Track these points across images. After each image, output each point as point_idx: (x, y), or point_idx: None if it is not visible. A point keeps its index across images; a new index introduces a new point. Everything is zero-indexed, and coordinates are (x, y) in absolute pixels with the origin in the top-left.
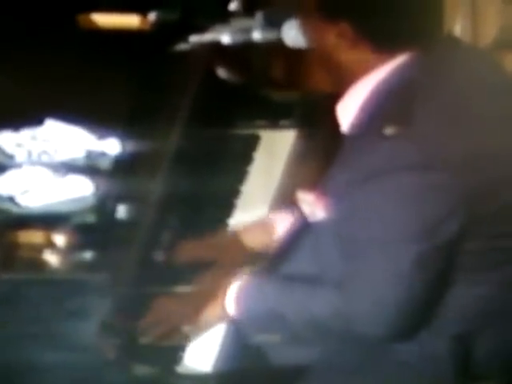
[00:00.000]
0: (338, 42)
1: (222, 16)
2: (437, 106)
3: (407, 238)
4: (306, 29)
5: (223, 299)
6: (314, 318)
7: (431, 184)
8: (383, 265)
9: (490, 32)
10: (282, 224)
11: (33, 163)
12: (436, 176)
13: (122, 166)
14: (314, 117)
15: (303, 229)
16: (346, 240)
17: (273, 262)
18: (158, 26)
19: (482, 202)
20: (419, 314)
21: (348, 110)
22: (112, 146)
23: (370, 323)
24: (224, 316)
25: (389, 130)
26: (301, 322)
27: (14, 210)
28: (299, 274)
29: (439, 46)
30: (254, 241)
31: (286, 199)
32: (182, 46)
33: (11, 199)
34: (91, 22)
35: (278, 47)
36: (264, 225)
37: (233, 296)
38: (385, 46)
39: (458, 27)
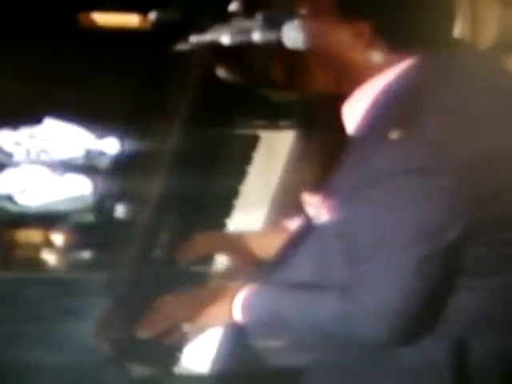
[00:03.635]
0: (354, 41)
1: (222, 16)
2: (443, 110)
3: (411, 239)
4: (317, 29)
5: (229, 303)
6: (317, 322)
7: (436, 188)
8: (386, 268)
9: (489, 36)
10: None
11: (31, 162)
12: (441, 180)
13: (121, 166)
14: (314, 117)
15: (306, 232)
16: (350, 243)
17: (275, 266)
18: (159, 25)
19: (485, 207)
20: (421, 319)
21: (354, 112)
22: (111, 145)
23: (372, 327)
24: (228, 320)
25: (395, 134)
26: (305, 326)
27: (13, 208)
28: (301, 278)
29: (447, 50)
30: (266, 246)
31: (284, 200)
32: (181, 46)
33: (9, 198)
34: (91, 21)
35: (278, 47)
36: (278, 231)
37: (240, 302)
38: (400, 47)
39: (457, 31)
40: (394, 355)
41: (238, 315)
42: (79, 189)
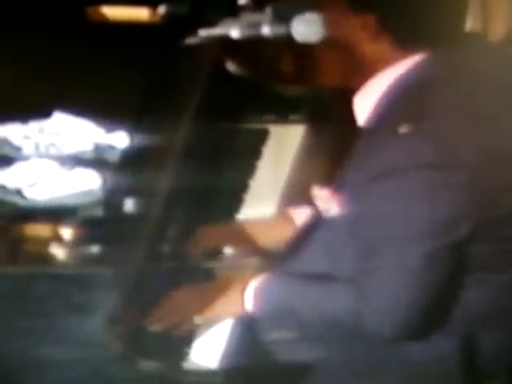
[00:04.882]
0: (361, 33)
1: (231, 10)
2: (455, 105)
3: (420, 235)
4: (328, 19)
5: (240, 293)
6: (327, 315)
7: (446, 183)
8: (396, 262)
9: (499, 31)
10: (303, 218)
11: (40, 156)
12: (451, 175)
13: (130, 160)
14: (323, 111)
15: (316, 225)
16: (360, 237)
17: (285, 258)
18: (168, 19)
19: (494, 203)
20: (429, 314)
21: (365, 104)
22: (120, 140)
23: (381, 322)
24: (239, 310)
25: (405, 128)
26: (315, 318)
27: (21, 202)
28: (311, 270)
29: (458, 44)
30: (271, 234)
31: (294, 194)
32: (191, 40)
33: (18, 192)
34: (101, 15)
35: (287, 41)
36: (283, 218)
37: (251, 292)
38: (406, 42)
39: (468, 27)
40: (401, 351)
41: (249, 305)
42: (88, 183)
